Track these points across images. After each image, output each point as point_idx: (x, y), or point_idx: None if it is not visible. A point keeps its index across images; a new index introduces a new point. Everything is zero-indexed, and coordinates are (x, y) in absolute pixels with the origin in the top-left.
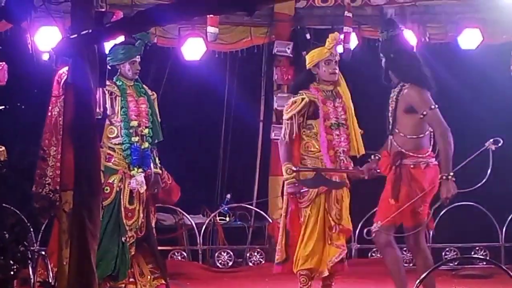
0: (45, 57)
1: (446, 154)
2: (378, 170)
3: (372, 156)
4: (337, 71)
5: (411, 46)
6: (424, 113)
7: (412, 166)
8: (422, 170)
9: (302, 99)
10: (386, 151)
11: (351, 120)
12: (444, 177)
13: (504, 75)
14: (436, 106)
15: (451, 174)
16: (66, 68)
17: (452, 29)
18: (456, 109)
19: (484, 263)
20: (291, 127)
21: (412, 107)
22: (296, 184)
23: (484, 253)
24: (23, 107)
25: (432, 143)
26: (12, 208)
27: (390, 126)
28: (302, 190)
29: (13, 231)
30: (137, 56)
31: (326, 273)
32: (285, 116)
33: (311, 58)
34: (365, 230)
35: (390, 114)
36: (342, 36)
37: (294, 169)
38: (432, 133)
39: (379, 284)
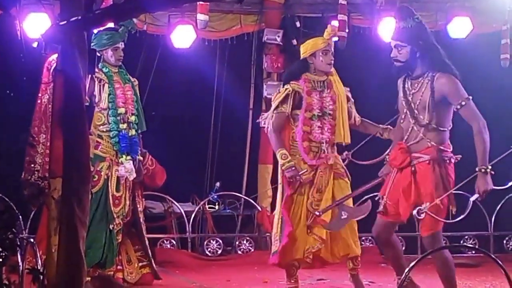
0: (34, 44)
1: (486, 147)
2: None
3: (387, 157)
4: (333, 60)
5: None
6: (463, 103)
7: (448, 161)
8: (452, 165)
9: (286, 89)
10: (402, 143)
11: (340, 109)
12: (482, 170)
13: (494, 64)
14: (471, 97)
15: (489, 167)
16: (56, 55)
17: (442, 17)
18: None
19: (473, 252)
20: (274, 117)
21: (446, 98)
22: (293, 168)
23: (473, 242)
24: (12, 94)
25: None
26: (0, 195)
27: (413, 118)
28: (300, 172)
29: (1, 218)
30: (121, 43)
31: (305, 264)
32: (272, 106)
33: (306, 47)
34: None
35: (415, 105)
36: (336, 23)
37: (317, 213)
38: None
39: (368, 272)
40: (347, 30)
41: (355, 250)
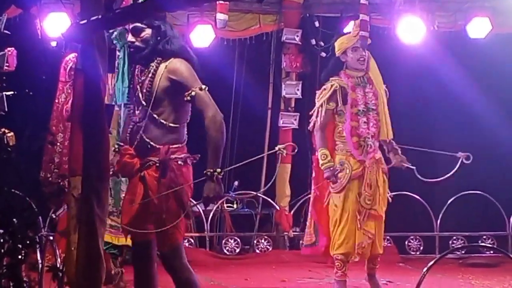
0: (53, 43)
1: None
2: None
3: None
4: (365, 57)
5: None
6: None
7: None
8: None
9: (332, 85)
10: None
11: (382, 105)
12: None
13: None
14: None
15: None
16: (73, 54)
17: (461, 17)
18: (464, 98)
19: (491, 251)
20: (321, 114)
21: None
22: (331, 168)
23: (491, 242)
24: (31, 93)
25: None
26: (20, 193)
27: None
28: (336, 173)
29: (21, 216)
30: None
31: (356, 258)
32: (317, 103)
33: (339, 45)
34: None
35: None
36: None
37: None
38: None
39: (385, 272)
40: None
41: (379, 249)
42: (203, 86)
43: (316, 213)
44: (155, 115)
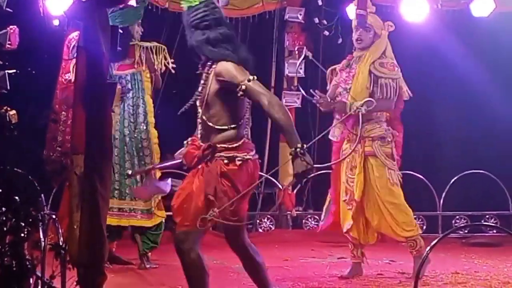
0: (56, 22)
1: None
2: None
3: None
4: (362, 37)
5: None
6: None
7: None
8: None
9: (329, 68)
10: None
11: (357, 85)
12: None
13: None
14: None
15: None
16: (76, 32)
17: None
18: (467, 76)
19: (494, 231)
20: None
21: None
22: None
23: (494, 221)
24: (33, 72)
25: None
26: (22, 171)
27: None
28: None
29: (24, 194)
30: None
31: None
32: None
33: None
34: None
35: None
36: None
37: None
38: None
39: (388, 251)
40: (369, 10)
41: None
42: (251, 77)
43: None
44: (204, 117)
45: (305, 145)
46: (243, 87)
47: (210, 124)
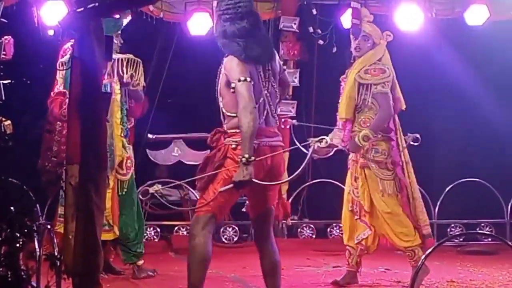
0: (51, 32)
1: None
2: None
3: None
4: (360, 46)
5: None
6: None
7: None
8: None
9: (342, 77)
10: None
11: (345, 92)
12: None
13: (510, 51)
14: None
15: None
16: (70, 42)
17: (459, 4)
18: (461, 85)
19: (490, 239)
20: None
21: None
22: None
23: (489, 229)
24: (28, 82)
25: None
26: (17, 181)
27: None
28: None
29: (18, 204)
30: None
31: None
32: None
33: None
34: None
35: None
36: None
37: None
38: None
39: (383, 259)
40: (367, 19)
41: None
42: (242, 78)
43: None
44: (221, 105)
45: (252, 158)
46: (233, 85)
47: (224, 111)
